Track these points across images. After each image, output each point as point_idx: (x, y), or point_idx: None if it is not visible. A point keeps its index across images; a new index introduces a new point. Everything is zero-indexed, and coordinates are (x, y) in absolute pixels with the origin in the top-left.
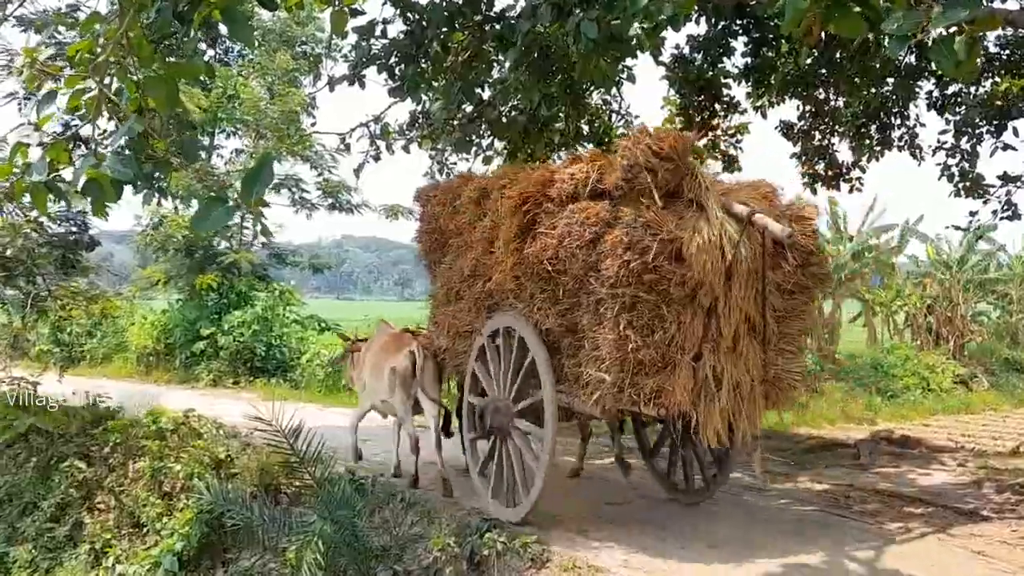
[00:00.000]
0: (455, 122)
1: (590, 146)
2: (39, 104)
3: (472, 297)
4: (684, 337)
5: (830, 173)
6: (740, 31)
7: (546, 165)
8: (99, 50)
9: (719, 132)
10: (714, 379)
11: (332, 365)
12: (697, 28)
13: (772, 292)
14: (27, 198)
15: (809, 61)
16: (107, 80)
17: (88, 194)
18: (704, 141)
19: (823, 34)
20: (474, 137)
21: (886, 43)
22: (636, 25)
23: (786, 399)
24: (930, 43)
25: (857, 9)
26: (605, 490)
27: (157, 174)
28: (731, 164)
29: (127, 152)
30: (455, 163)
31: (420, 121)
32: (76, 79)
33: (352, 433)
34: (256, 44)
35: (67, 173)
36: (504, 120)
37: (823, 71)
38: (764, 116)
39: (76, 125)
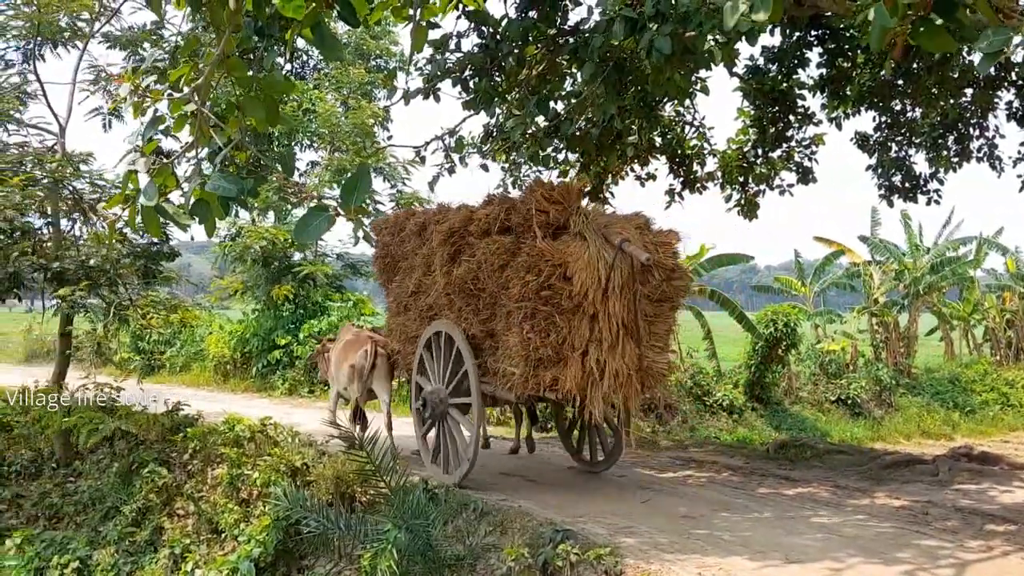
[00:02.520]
0: (529, 135)
1: (663, 158)
2: (145, 130)
3: (416, 309)
4: (573, 338)
5: (907, 185)
6: (815, 42)
7: (467, 206)
8: (198, 73)
9: (793, 144)
10: (598, 370)
11: (308, 362)
12: (771, 39)
13: (642, 301)
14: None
15: (885, 72)
16: (206, 102)
17: (198, 214)
18: (778, 152)
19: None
20: (548, 150)
21: (975, 60)
22: (710, 38)
23: (655, 384)
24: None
25: (943, 24)
26: (679, 502)
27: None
28: (805, 176)
29: (227, 169)
30: (528, 176)
31: (494, 134)
32: (180, 103)
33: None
34: (342, 60)
35: (173, 195)
36: (578, 133)
37: (900, 82)
38: (839, 127)
39: (173, 148)
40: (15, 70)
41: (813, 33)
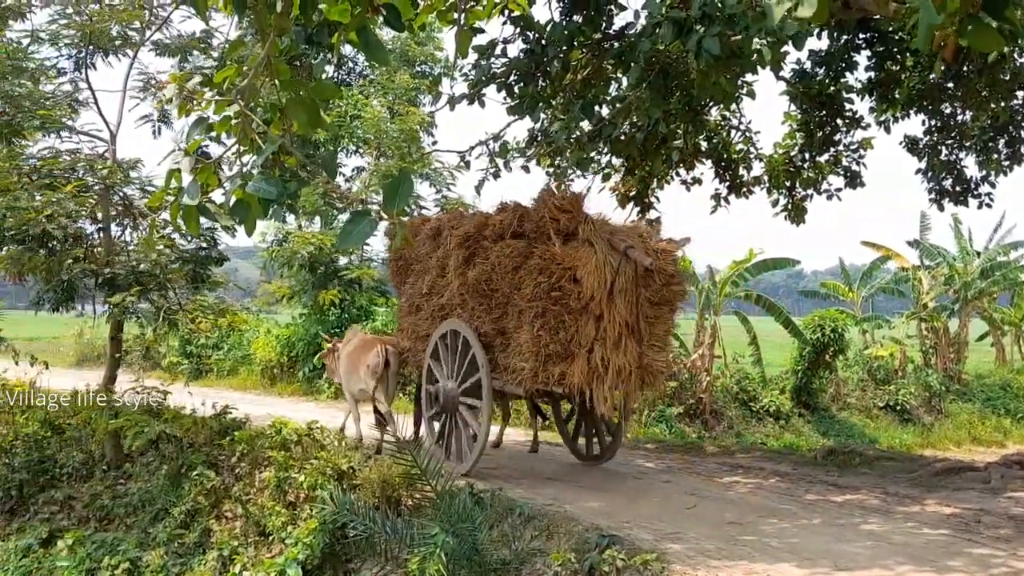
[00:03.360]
0: (573, 140)
1: (708, 163)
2: (189, 130)
3: (429, 309)
4: (580, 336)
5: (957, 189)
6: (863, 45)
7: (482, 212)
8: (242, 76)
9: (841, 148)
10: (602, 366)
11: (317, 361)
12: (819, 43)
13: (644, 304)
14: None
15: (934, 75)
16: (251, 104)
17: (238, 214)
18: (826, 157)
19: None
20: (592, 155)
21: None
22: (758, 41)
23: (655, 381)
24: None
25: (994, 23)
26: (726, 509)
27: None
28: (853, 180)
29: (269, 172)
30: (573, 180)
31: (539, 139)
32: (223, 105)
33: (354, 421)
34: (387, 64)
35: (215, 195)
36: (622, 137)
37: (950, 85)
38: (888, 131)
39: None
40: (67, 78)
41: (861, 36)
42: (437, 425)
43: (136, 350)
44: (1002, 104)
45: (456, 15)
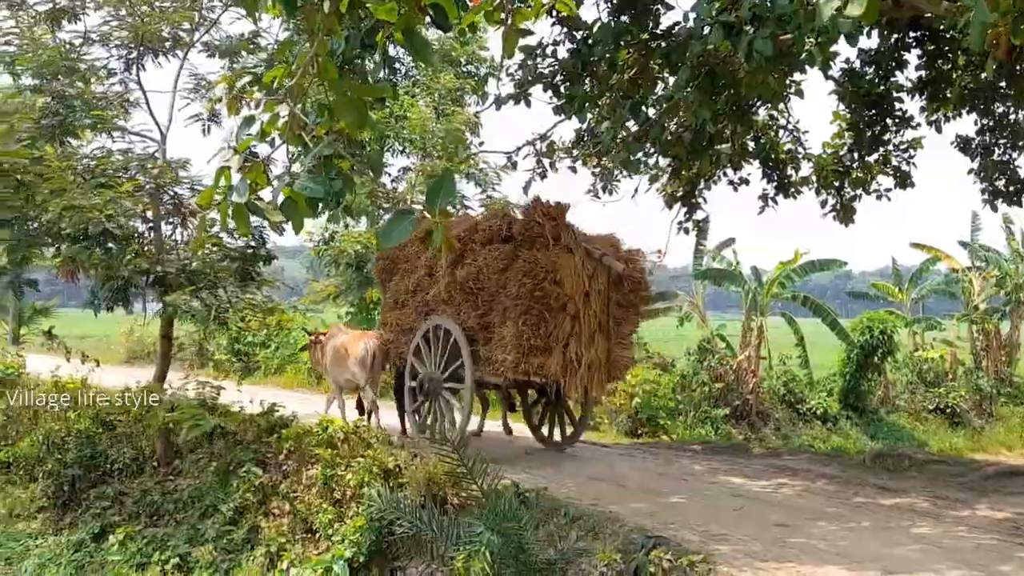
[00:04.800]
0: (620, 140)
1: (756, 163)
2: (239, 129)
3: (414, 304)
4: (558, 332)
5: (1011, 189)
6: (914, 44)
7: (471, 217)
8: (291, 75)
9: (890, 147)
10: (576, 359)
11: (300, 351)
12: (868, 42)
13: (613, 306)
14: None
15: (986, 74)
16: (299, 104)
17: (286, 212)
18: (875, 156)
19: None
20: (639, 155)
21: None
22: (808, 39)
23: (620, 374)
24: None
25: None
26: (773, 511)
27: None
28: (903, 180)
29: (317, 171)
30: (619, 181)
31: (585, 139)
32: (272, 104)
33: (340, 408)
34: (431, 64)
35: (264, 194)
36: (670, 138)
37: (1003, 84)
38: (939, 131)
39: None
40: (117, 79)
41: (911, 35)
42: (419, 418)
43: (187, 348)
44: None
45: (503, 16)
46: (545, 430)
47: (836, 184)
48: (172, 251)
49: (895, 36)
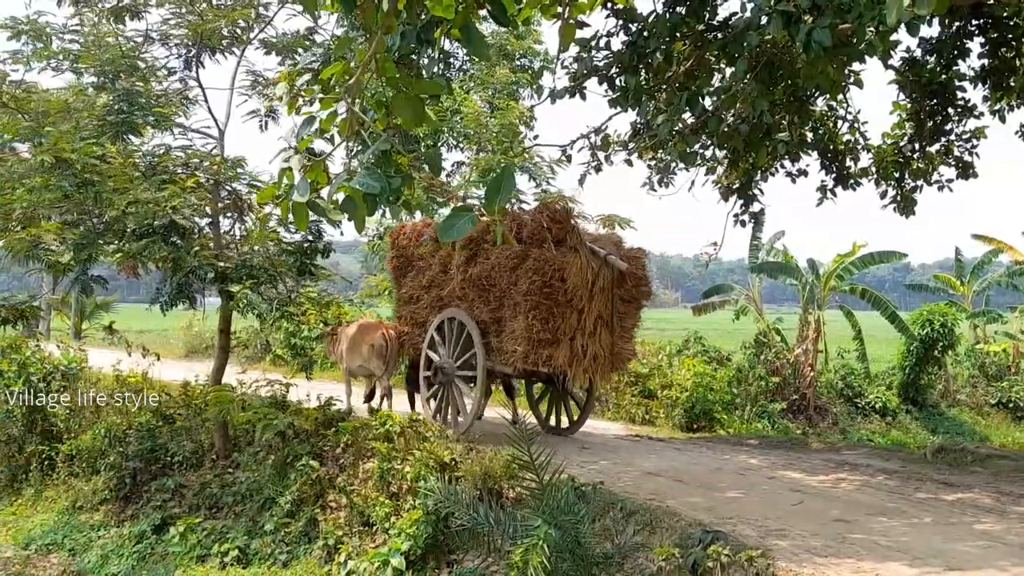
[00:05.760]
0: (676, 132)
1: (814, 154)
2: (299, 128)
3: (428, 299)
4: (565, 326)
5: None
6: (976, 32)
7: (483, 219)
8: (349, 73)
9: (952, 137)
10: (582, 351)
11: (318, 341)
12: (930, 30)
13: (617, 301)
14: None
15: None
16: (357, 101)
17: (346, 209)
18: (936, 147)
19: None
20: (695, 147)
21: None
22: (869, 28)
23: (622, 365)
24: None
25: None
26: (832, 506)
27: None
28: (965, 171)
29: (375, 167)
30: (675, 173)
31: (641, 132)
32: (330, 101)
33: (346, 394)
34: (489, 59)
35: (324, 191)
36: (726, 129)
37: None
38: (1003, 120)
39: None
40: (176, 76)
41: (974, 23)
42: (434, 403)
43: (246, 342)
44: None
45: (560, 9)
46: (553, 419)
47: (896, 175)
48: (230, 246)
49: (957, 24)
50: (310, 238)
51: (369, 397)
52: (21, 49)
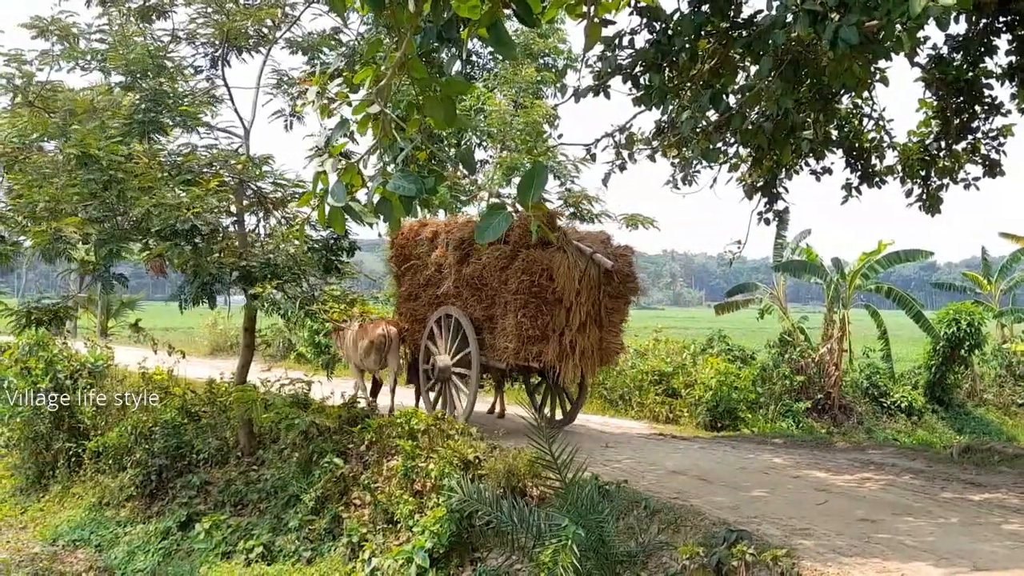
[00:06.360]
0: (700, 130)
1: (839, 152)
2: (333, 133)
3: (426, 297)
4: (554, 322)
5: None
6: (1003, 28)
7: (474, 220)
8: (379, 75)
9: (979, 135)
10: (570, 347)
11: (327, 337)
12: (956, 27)
13: (604, 297)
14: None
15: None
16: (388, 103)
17: (382, 212)
18: (963, 145)
19: None
20: (719, 145)
21: None
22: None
23: (610, 360)
24: None
25: None
26: (857, 505)
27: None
28: (992, 169)
29: (408, 169)
30: (699, 171)
31: (665, 130)
32: (363, 105)
33: (361, 388)
34: (515, 58)
35: (359, 194)
36: (750, 127)
37: None
38: None
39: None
40: (202, 76)
41: (1002, 19)
42: (433, 395)
43: (270, 340)
44: None
45: (586, 8)
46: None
47: (922, 173)
48: (255, 244)
49: (984, 21)
50: (336, 236)
51: (373, 393)
52: (50, 49)
